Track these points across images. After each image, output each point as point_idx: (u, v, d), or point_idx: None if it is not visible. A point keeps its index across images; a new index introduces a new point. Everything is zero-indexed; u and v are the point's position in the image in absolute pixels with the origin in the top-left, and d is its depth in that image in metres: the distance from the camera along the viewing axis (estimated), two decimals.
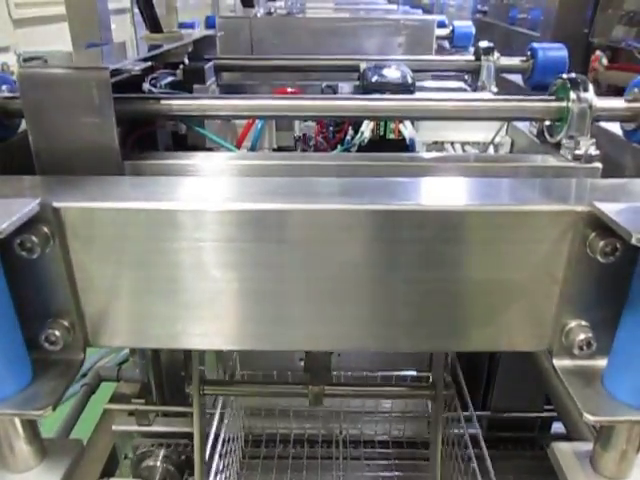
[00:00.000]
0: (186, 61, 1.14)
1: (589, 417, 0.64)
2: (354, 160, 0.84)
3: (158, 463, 1.75)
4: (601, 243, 0.62)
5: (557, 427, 1.88)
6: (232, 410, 1.63)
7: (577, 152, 0.80)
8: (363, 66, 1.12)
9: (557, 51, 1.21)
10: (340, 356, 1.30)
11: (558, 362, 0.71)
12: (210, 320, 0.70)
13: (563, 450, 0.74)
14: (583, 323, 0.68)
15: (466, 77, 1.44)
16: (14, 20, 4.37)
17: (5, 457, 0.70)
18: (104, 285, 0.68)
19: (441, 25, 1.97)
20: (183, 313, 0.69)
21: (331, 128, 1.15)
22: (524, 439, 1.82)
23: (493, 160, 0.88)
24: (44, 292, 0.67)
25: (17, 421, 0.69)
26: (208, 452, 1.41)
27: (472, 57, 1.35)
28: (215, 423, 1.48)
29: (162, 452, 1.76)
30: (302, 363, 1.23)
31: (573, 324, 0.69)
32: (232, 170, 0.81)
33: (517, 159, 0.86)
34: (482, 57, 1.29)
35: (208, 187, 0.71)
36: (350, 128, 1.06)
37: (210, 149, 0.99)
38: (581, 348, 0.68)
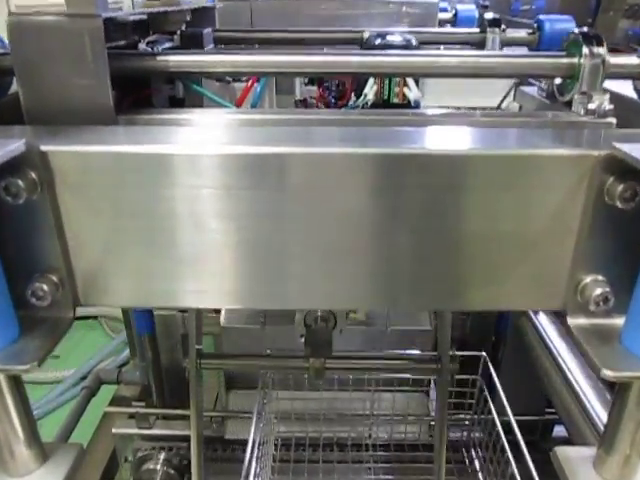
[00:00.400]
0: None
1: (608, 373, 0.60)
2: (357, 115, 0.81)
3: (158, 466, 1.76)
4: (620, 187, 0.58)
5: (559, 430, 1.85)
6: (265, 414, 1.59)
7: (590, 106, 0.77)
8: (366, 35, 1.09)
9: (564, 23, 1.18)
10: (342, 333, 1.26)
11: (573, 321, 0.67)
12: (206, 275, 0.66)
13: (566, 454, 0.72)
14: (600, 278, 0.65)
15: None
16: None
17: (5, 461, 0.68)
18: (94, 237, 0.65)
19: (442, 12, 1.94)
20: (178, 268, 0.66)
21: (332, 99, 1.12)
22: (526, 442, 1.78)
23: (501, 115, 0.85)
24: (32, 245, 0.64)
25: (17, 424, 0.67)
26: (248, 457, 1.37)
27: (477, 29, 1.33)
28: (253, 427, 1.45)
29: (162, 455, 1.77)
30: (302, 340, 1.20)
31: (589, 279, 0.65)
32: (230, 124, 0.78)
33: (526, 115, 0.83)
34: (488, 29, 1.27)
35: (205, 134, 0.68)
36: (353, 94, 1.03)
37: None
38: (597, 304, 0.64)
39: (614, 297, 0.64)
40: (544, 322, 1.39)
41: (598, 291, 0.64)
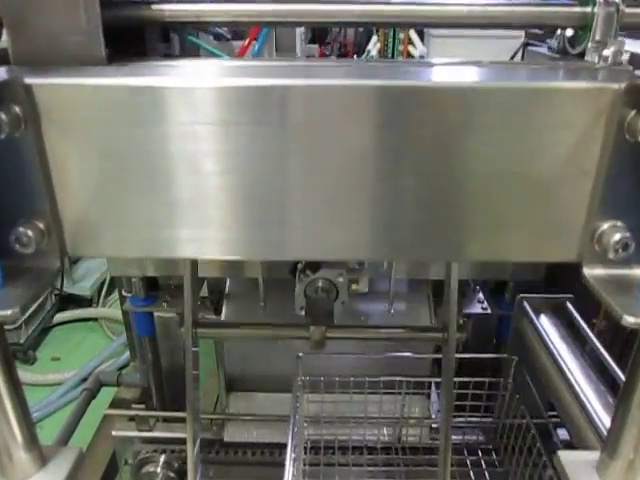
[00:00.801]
0: None
1: (629, 319, 0.57)
2: (362, 62, 0.78)
3: (158, 469, 1.71)
4: None
5: (560, 434, 1.81)
6: (298, 417, 1.55)
7: (605, 53, 0.73)
8: None
9: None
10: (344, 304, 1.22)
11: (589, 272, 0.63)
12: (204, 222, 0.63)
13: (569, 458, 0.71)
14: (619, 224, 0.61)
15: None
16: None
17: (4, 465, 0.66)
18: (82, 180, 0.61)
19: None
20: (171, 214, 0.63)
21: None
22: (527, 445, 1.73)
23: (510, 64, 0.81)
24: (15, 187, 0.60)
25: (15, 427, 0.65)
26: (288, 462, 1.30)
27: None
28: (290, 432, 1.39)
29: (162, 458, 1.71)
30: (303, 312, 1.16)
31: (606, 226, 0.61)
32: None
33: (537, 63, 0.79)
34: None
35: (201, 69, 0.65)
36: (355, 56, 1.00)
37: None
38: (617, 251, 0.60)
39: (634, 244, 0.60)
40: (545, 324, 1.38)
41: (617, 237, 0.60)
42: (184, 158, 0.60)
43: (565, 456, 0.71)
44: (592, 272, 0.63)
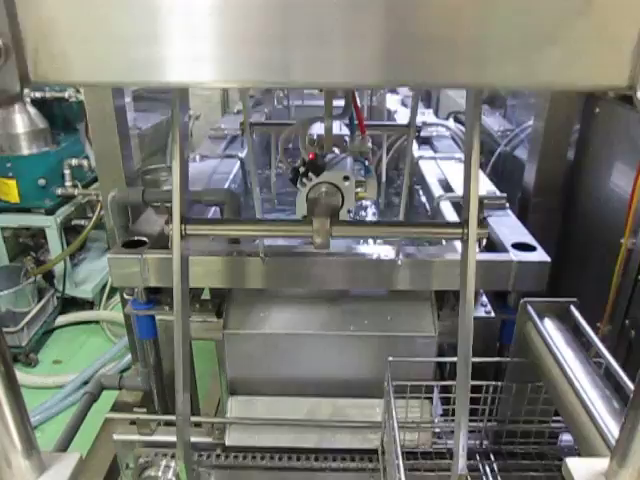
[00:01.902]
0: None
1: None
2: None
3: (160, 473, 1.70)
4: None
5: (566, 439, 1.79)
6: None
7: None
8: None
9: None
10: (350, 213, 1.12)
11: None
12: (190, 35, 0.53)
13: (577, 466, 0.70)
14: None
15: None
16: None
17: (3, 472, 0.65)
18: None
19: None
20: (153, 24, 0.52)
21: None
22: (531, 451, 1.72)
23: None
24: None
25: (14, 434, 0.64)
26: (401, 467, 1.20)
27: None
28: (396, 436, 1.31)
29: (164, 462, 1.70)
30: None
31: None
32: None
33: None
34: None
35: None
36: None
37: None
38: None
39: None
40: (549, 328, 1.37)
41: None
42: None
43: (573, 463, 0.70)
44: None
